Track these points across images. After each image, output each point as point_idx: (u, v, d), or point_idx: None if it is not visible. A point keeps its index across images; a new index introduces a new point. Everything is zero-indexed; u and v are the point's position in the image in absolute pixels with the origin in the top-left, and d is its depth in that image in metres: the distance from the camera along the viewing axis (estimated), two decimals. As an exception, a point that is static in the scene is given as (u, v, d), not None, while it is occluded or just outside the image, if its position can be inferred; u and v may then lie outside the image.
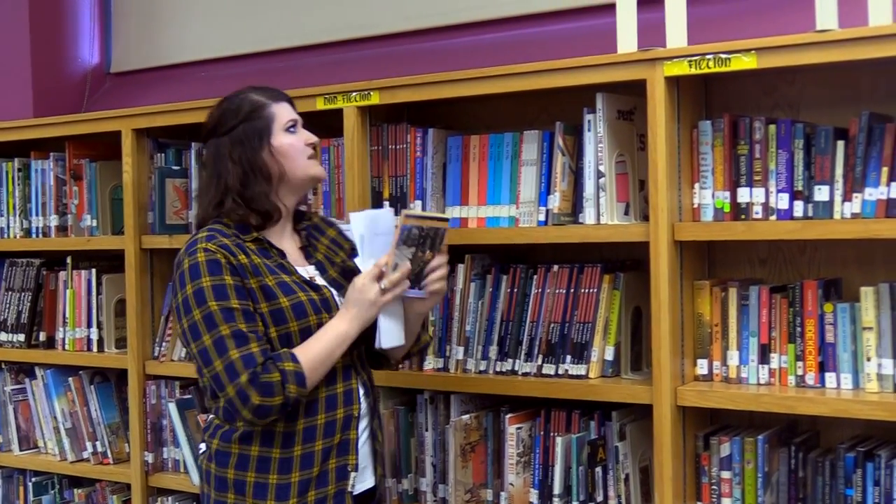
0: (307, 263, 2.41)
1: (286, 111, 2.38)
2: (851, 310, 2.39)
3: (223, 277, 2.21)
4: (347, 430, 2.31)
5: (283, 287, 2.27)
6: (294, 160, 2.35)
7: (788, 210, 2.43)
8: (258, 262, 2.27)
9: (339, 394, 2.31)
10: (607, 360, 2.64)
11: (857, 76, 2.53)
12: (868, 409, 2.29)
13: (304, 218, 2.49)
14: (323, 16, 3.72)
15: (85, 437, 3.52)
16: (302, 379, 2.19)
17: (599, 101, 2.59)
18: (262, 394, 2.15)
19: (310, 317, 2.27)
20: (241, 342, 2.18)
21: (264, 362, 2.17)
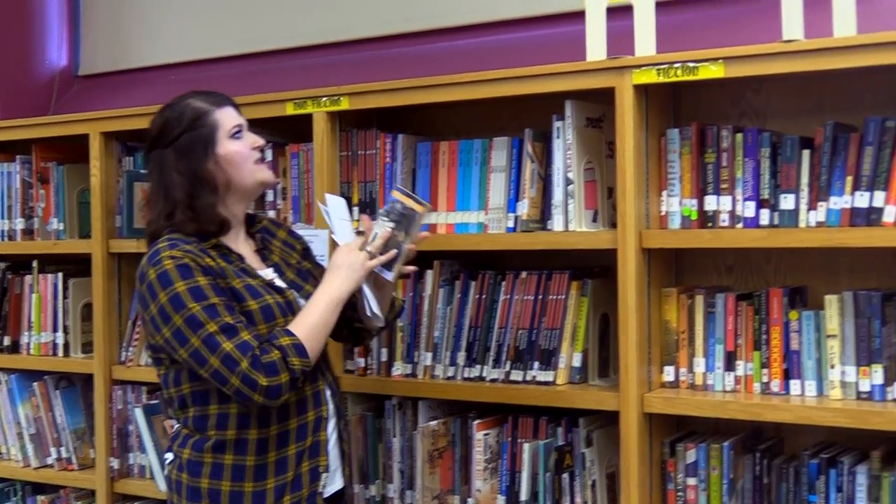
0: (265, 266, 2.39)
1: (230, 116, 2.32)
2: (816, 318, 2.41)
3: (196, 279, 2.17)
4: (318, 431, 2.30)
5: (251, 290, 2.25)
6: (241, 167, 2.31)
7: (755, 218, 2.44)
8: (224, 265, 2.25)
9: (308, 396, 2.29)
10: (575, 367, 2.64)
11: (823, 86, 2.55)
12: (831, 417, 2.31)
13: (255, 221, 2.46)
14: (293, 20, 3.71)
15: (49, 442, 3.49)
16: (302, 350, 2.17)
17: (568, 109, 2.59)
18: (268, 374, 2.12)
19: (277, 319, 2.25)
20: (231, 334, 2.14)
21: (260, 345, 2.15)
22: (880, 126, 2.30)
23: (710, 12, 2.93)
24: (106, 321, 3.32)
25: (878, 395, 2.33)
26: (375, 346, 2.86)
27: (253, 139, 2.34)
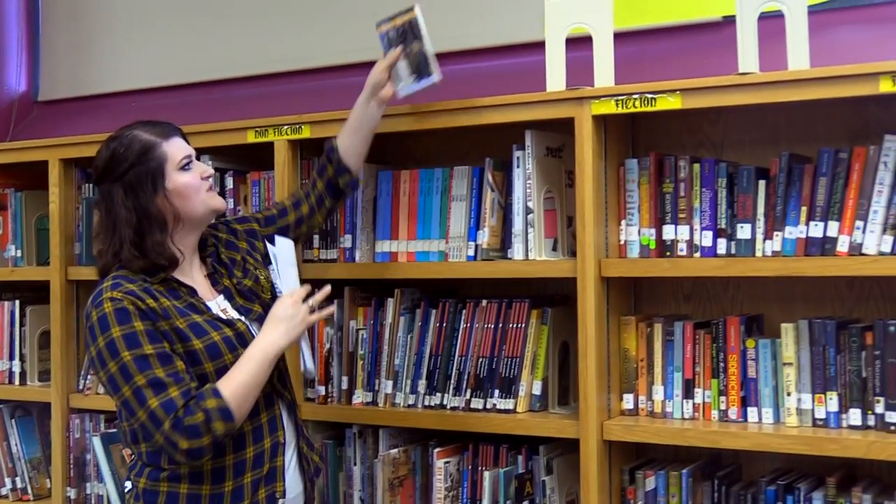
0: (216, 292, 2.36)
1: (178, 148, 2.29)
2: (772, 346, 2.43)
3: (133, 325, 2.14)
4: (275, 457, 2.28)
5: (195, 328, 2.21)
6: (191, 199, 2.28)
7: (712, 247, 2.46)
8: (168, 305, 2.21)
9: (263, 423, 2.27)
10: (535, 395, 2.64)
11: (778, 118, 2.59)
12: (788, 444, 2.32)
13: (206, 245, 2.40)
14: (254, 48, 3.70)
15: (4, 472, 3.43)
16: (228, 413, 2.13)
17: (528, 139, 2.60)
18: (189, 437, 2.10)
19: (225, 356, 2.22)
20: (158, 390, 2.11)
21: (185, 404, 2.11)
22: (833, 157, 2.33)
23: (667, 44, 2.96)
24: (64, 349, 3.28)
25: (834, 422, 2.35)
26: (336, 374, 2.85)
27: (202, 169, 2.31)
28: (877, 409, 2.30)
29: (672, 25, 2.92)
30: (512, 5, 3.13)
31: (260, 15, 3.70)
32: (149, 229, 2.24)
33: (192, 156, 2.32)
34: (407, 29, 2.59)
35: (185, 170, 2.28)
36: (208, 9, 3.82)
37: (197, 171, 2.30)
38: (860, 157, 2.31)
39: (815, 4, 2.55)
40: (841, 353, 2.35)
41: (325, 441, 2.86)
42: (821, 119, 2.54)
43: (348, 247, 2.85)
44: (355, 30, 3.49)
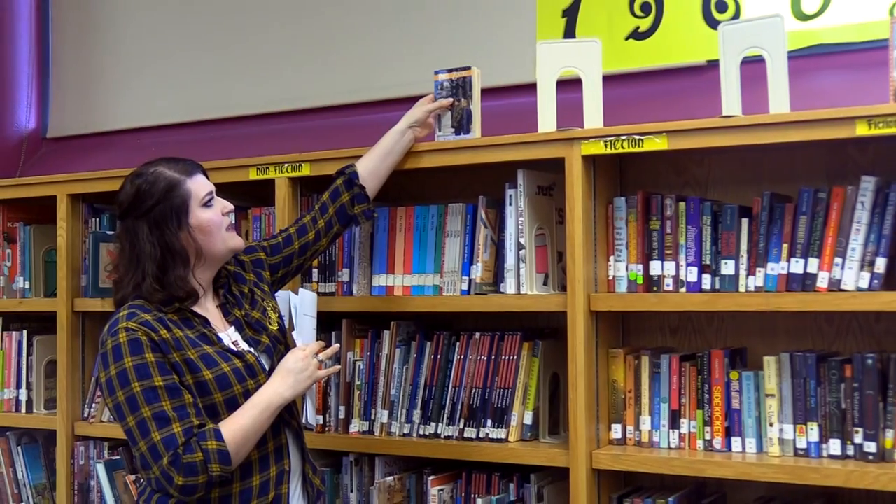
0: (227, 324, 2.35)
1: (201, 185, 2.30)
2: (755, 378, 2.44)
3: (144, 356, 2.14)
4: (280, 485, 2.27)
5: (206, 359, 2.21)
6: (213, 235, 2.28)
7: (697, 283, 2.47)
8: (180, 336, 2.21)
9: (270, 452, 2.27)
10: (526, 425, 2.65)
11: (760, 158, 2.61)
12: (771, 473, 2.33)
13: (219, 276, 2.40)
14: (256, 88, 3.72)
15: (10, 498, 3.42)
16: (226, 457, 2.12)
17: (520, 177, 2.62)
18: (185, 474, 2.09)
19: (234, 386, 2.22)
20: (161, 424, 2.11)
21: (186, 442, 2.11)
22: (813, 197, 2.35)
23: (654, 87, 2.98)
24: (70, 378, 3.27)
25: (814, 451, 2.36)
26: (333, 404, 2.85)
27: (223, 205, 2.31)
28: (855, 440, 2.31)
29: (658, 69, 2.94)
30: (505, 49, 3.17)
31: (262, 57, 3.72)
32: (172, 264, 2.25)
33: (214, 192, 2.32)
34: (460, 84, 2.67)
35: (207, 206, 2.28)
36: (212, 50, 3.84)
37: (218, 207, 2.30)
38: (839, 196, 2.33)
39: (795, 50, 2.58)
40: (821, 385, 2.36)
41: (322, 469, 2.86)
42: (801, 160, 2.56)
43: (346, 280, 2.86)
44: (354, 72, 3.53)
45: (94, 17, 4.18)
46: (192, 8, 3.90)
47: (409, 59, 3.40)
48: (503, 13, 3.24)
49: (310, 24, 3.63)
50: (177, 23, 3.95)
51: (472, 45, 3.26)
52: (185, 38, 3.92)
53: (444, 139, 2.72)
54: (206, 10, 3.87)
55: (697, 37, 2.75)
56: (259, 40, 3.74)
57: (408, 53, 3.42)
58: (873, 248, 2.29)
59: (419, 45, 3.40)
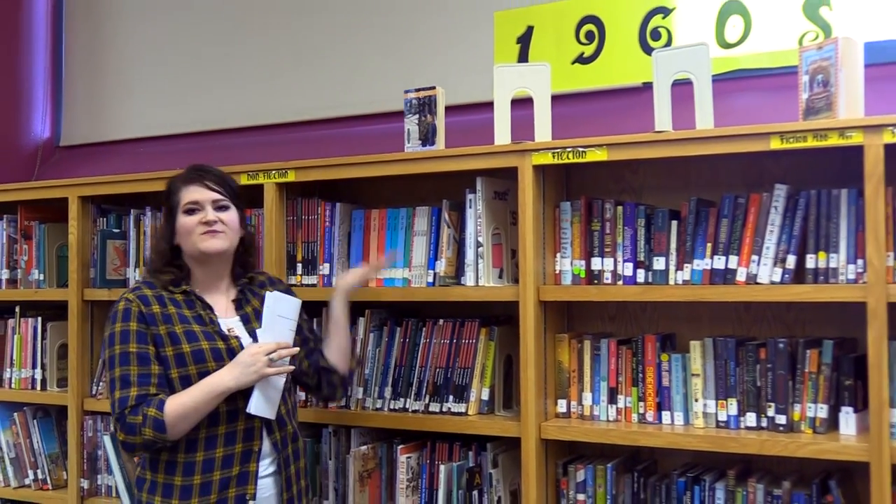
0: (235, 314, 2.36)
1: (190, 194, 2.32)
2: (683, 359, 2.45)
3: (129, 324, 2.23)
4: (247, 462, 2.24)
5: (189, 335, 2.24)
6: (186, 238, 2.31)
7: (632, 276, 2.48)
8: (172, 312, 2.26)
9: (238, 430, 2.25)
10: (483, 400, 2.64)
11: (688, 168, 2.61)
12: (696, 442, 2.34)
13: (242, 277, 2.42)
14: (248, 103, 3.70)
15: (27, 465, 3.38)
16: (160, 425, 2.13)
17: (479, 184, 2.61)
18: (125, 432, 2.15)
19: (208, 363, 2.23)
20: (123, 385, 2.17)
21: (135, 405, 2.15)
22: (734, 202, 2.37)
23: (596, 106, 2.98)
24: (79, 359, 3.24)
25: (733, 423, 2.37)
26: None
27: (202, 215, 2.30)
28: (769, 413, 2.33)
29: (600, 90, 2.95)
30: (466, 71, 3.16)
31: (253, 76, 3.70)
32: (165, 253, 2.35)
33: (204, 202, 2.31)
34: (426, 102, 2.65)
35: (187, 213, 2.32)
36: (209, 69, 3.82)
37: (198, 216, 2.31)
38: (755, 202, 2.34)
39: (719, 74, 2.60)
40: (739, 366, 2.37)
41: (304, 439, 2.83)
42: (723, 170, 2.57)
43: (326, 273, 2.84)
44: (333, 90, 3.52)
45: (103, 37, 4.14)
46: (192, 31, 3.87)
47: (381, 80, 3.39)
48: (465, 40, 3.23)
49: (295, 48, 3.61)
50: (177, 45, 3.91)
51: (438, 68, 3.26)
52: (185, 59, 3.89)
53: (412, 150, 2.71)
54: (205, 33, 3.84)
55: (634, 62, 2.76)
56: (251, 62, 3.71)
57: (381, 74, 3.41)
58: (784, 247, 2.31)
59: (391, 67, 3.39)
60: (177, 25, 3.92)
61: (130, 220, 3.21)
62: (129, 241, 3.21)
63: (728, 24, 2.61)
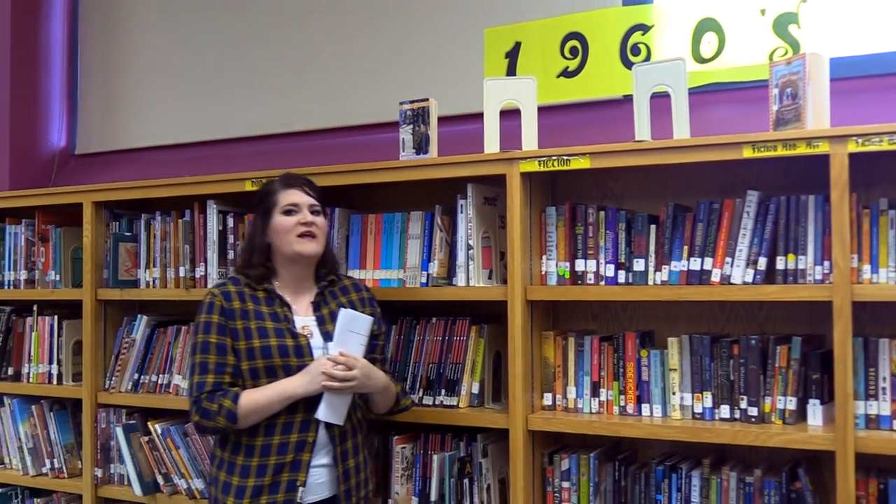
0: (312, 314, 2.37)
1: (290, 196, 2.35)
2: (661, 355, 2.45)
3: (212, 316, 2.29)
4: (301, 452, 2.26)
5: (261, 331, 2.28)
6: (282, 237, 2.34)
7: (614, 277, 2.48)
8: (250, 308, 2.30)
9: (296, 421, 2.27)
10: (474, 394, 2.64)
11: (666, 175, 2.61)
12: (673, 433, 2.34)
13: (324, 279, 2.43)
14: (252, 114, 3.70)
15: (44, 455, 3.37)
16: (232, 416, 2.22)
17: (469, 190, 2.61)
18: (200, 416, 2.24)
19: (274, 358, 2.26)
20: (201, 371, 2.26)
21: (211, 392, 2.23)
22: (709, 207, 2.37)
23: (579, 116, 2.98)
24: (93, 355, 3.22)
25: (708, 415, 2.37)
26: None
27: (302, 215, 2.33)
28: (741, 405, 2.33)
29: (583, 102, 2.95)
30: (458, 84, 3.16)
31: (256, 88, 3.70)
32: (255, 250, 2.37)
33: (302, 205, 2.34)
34: (420, 113, 2.65)
35: (286, 214, 2.33)
36: (215, 83, 3.81)
37: (296, 217, 2.33)
38: (729, 207, 2.35)
39: (695, 87, 2.60)
40: (714, 362, 2.37)
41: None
42: (699, 177, 2.57)
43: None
44: (333, 102, 3.52)
45: (116, 53, 4.13)
46: (199, 48, 3.87)
47: (378, 92, 3.39)
48: (457, 55, 3.24)
49: (298, 64, 3.61)
50: (185, 60, 3.91)
51: (431, 81, 3.26)
52: (193, 73, 3.89)
53: (407, 158, 2.71)
54: (211, 50, 3.84)
55: (615, 75, 2.76)
56: (255, 76, 3.72)
57: (378, 87, 3.41)
58: (756, 249, 2.31)
59: (387, 80, 3.39)
60: (185, 43, 3.92)
61: (141, 223, 3.20)
62: (140, 243, 3.20)
63: (703, 40, 2.61)
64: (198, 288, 3.03)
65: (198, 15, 3.88)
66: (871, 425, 2.20)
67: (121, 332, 3.23)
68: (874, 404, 2.21)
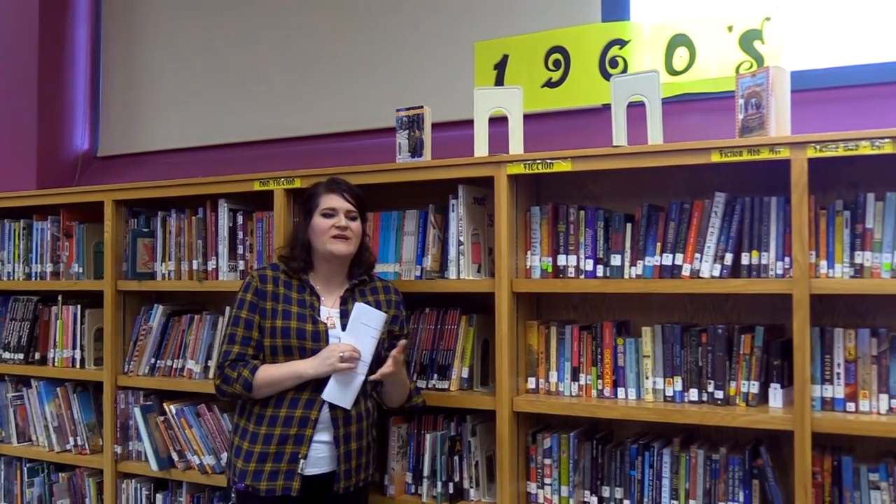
0: (338, 307, 2.38)
1: (330, 200, 2.37)
2: (636, 343, 2.45)
3: (246, 295, 2.35)
4: (304, 427, 2.27)
5: (285, 313, 2.33)
6: (318, 237, 2.36)
7: (593, 271, 2.48)
8: (281, 293, 2.35)
9: (302, 398, 2.28)
10: (463, 378, 2.64)
11: (640, 178, 2.61)
12: (646, 414, 2.35)
13: (356, 277, 2.44)
14: (258, 120, 3.69)
15: (68, 433, 3.36)
16: (248, 386, 2.28)
17: (460, 191, 2.61)
18: (222, 380, 2.32)
19: (291, 339, 2.30)
20: (230, 341, 2.33)
21: (234, 360, 2.31)
22: (680, 207, 2.37)
23: (561, 123, 2.98)
24: (113, 341, 3.22)
25: (679, 398, 2.38)
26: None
27: (337, 220, 2.35)
28: (709, 389, 2.34)
29: (565, 110, 2.94)
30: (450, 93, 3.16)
31: (264, 96, 3.69)
32: (297, 244, 2.40)
33: (338, 210, 2.36)
34: (415, 119, 2.65)
35: (324, 216, 2.36)
36: (227, 91, 3.80)
37: (332, 220, 2.36)
38: (698, 207, 2.35)
39: (667, 97, 2.60)
40: (684, 349, 2.38)
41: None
42: (671, 179, 2.57)
43: (328, 268, 2.83)
44: (334, 109, 3.51)
45: (135, 63, 4.11)
46: (213, 56, 3.86)
47: (377, 100, 3.38)
48: (449, 66, 3.23)
49: (304, 74, 3.60)
50: (198, 70, 3.90)
51: (425, 90, 3.26)
52: (206, 82, 3.87)
53: (403, 161, 2.70)
54: (222, 61, 3.82)
55: (595, 86, 2.75)
56: (262, 85, 3.70)
57: (376, 95, 3.40)
58: (723, 246, 2.31)
59: (385, 89, 3.39)
60: (197, 55, 3.90)
61: (158, 220, 3.19)
62: (157, 239, 3.20)
63: (675, 54, 2.61)
64: (209, 280, 3.03)
65: (209, 31, 3.87)
66: (827, 407, 2.21)
67: (138, 321, 3.22)
68: (829, 388, 2.22)
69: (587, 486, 2.47)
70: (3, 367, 3.52)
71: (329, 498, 2.32)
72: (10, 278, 3.57)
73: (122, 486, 3.21)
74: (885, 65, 2.62)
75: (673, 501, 2.34)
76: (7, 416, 3.53)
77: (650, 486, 2.37)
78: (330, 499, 2.33)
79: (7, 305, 3.57)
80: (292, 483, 2.26)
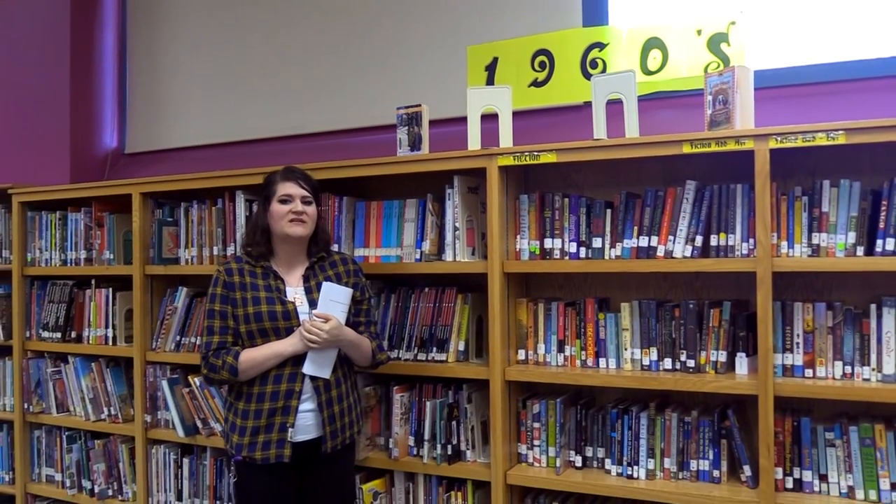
0: (301, 285, 2.35)
1: (286, 188, 2.32)
2: (616, 318, 2.46)
3: (217, 289, 2.31)
4: (290, 399, 2.26)
5: (255, 300, 2.28)
6: (276, 221, 2.32)
7: (576, 253, 2.48)
8: (248, 281, 2.31)
9: (285, 374, 2.26)
10: (460, 350, 2.65)
11: (619, 168, 2.61)
12: (625, 381, 2.35)
13: (315, 254, 2.41)
14: (274, 118, 3.67)
15: (102, 404, 3.36)
16: (234, 371, 2.25)
17: (455, 181, 2.60)
18: (208, 370, 2.28)
19: (265, 322, 2.26)
20: (209, 333, 2.30)
21: (216, 350, 2.26)
22: (654, 194, 2.37)
23: (547, 119, 2.97)
24: (142, 321, 3.21)
25: (654, 367, 2.39)
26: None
27: (292, 206, 2.31)
28: (681, 358, 2.35)
29: (550, 107, 2.94)
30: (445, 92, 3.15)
31: (277, 97, 3.67)
32: (258, 230, 2.36)
33: (296, 196, 2.31)
34: (413, 116, 2.63)
35: (281, 202, 2.31)
36: (243, 92, 3.78)
37: (288, 206, 2.31)
38: (671, 194, 2.35)
39: (643, 95, 2.59)
40: (659, 322, 2.39)
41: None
42: (646, 169, 2.57)
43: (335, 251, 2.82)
44: (337, 108, 3.49)
45: (159, 67, 4.09)
46: (231, 61, 3.84)
47: (377, 99, 3.37)
48: (444, 68, 3.22)
49: (311, 75, 3.58)
50: (219, 72, 3.88)
51: (423, 90, 3.24)
52: (224, 84, 3.85)
53: (403, 154, 2.69)
54: (239, 65, 3.80)
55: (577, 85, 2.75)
56: (274, 86, 3.69)
57: (376, 95, 3.39)
58: (694, 229, 2.32)
59: (385, 88, 3.38)
60: (219, 57, 3.88)
61: (181, 211, 3.18)
62: (180, 227, 3.18)
63: (650, 56, 2.60)
64: (229, 264, 3.02)
65: (226, 39, 3.85)
66: (787, 374, 2.22)
67: (165, 302, 3.22)
68: (790, 356, 2.22)
69: (572, 446, 2.48)
70: (42, 345, 3.51)
71: (319, 459, 2.33)
72: (47, 265, 3.56)
73: (151, 451, 3.22)
74: (839, 64, 2.62)
75: (649, 460, 2.35)
76: (47, 389, 3.53)
77: (629, 446, 2.38)
78: (320, 460, 2.33)
79: (45, 289, 3.56)
80: (283, 451, 2.25)
